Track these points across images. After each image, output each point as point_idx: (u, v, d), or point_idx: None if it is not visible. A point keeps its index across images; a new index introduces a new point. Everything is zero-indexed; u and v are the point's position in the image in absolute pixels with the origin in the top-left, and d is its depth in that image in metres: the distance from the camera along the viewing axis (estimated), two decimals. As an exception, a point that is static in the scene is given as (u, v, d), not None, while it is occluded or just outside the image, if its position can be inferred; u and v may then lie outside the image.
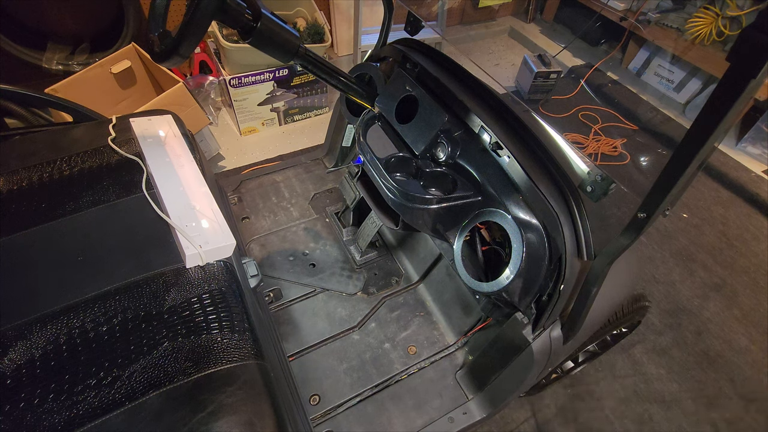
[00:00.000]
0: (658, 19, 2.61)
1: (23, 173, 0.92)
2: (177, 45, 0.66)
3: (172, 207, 0.85)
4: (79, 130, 1.07)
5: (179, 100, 1.73)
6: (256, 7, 0.73)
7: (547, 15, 3.37)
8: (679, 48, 2.57)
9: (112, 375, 0.64)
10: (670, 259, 1.92)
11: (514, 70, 2.82)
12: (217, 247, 0.80)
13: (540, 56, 2.60)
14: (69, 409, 0.60)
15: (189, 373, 0.65)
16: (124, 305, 0.72)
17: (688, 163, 0.55)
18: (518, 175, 0.85)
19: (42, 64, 1.96)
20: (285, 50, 0.80)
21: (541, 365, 0.97)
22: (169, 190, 0.89)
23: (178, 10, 2.08)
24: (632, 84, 2.88)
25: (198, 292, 0.76)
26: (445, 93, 0.98)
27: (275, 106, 2.27)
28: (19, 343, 0.66)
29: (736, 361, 1.60)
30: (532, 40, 3.20)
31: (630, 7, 2.72)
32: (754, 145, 2.45)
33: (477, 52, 3.16)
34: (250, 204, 1.55)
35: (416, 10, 1.18)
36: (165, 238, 0.83)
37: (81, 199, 0.87)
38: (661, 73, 2.80)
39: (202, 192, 0.91)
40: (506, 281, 0.85)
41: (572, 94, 2.71)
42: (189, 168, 0.96)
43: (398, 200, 0.92)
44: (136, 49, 1.87)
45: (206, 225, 0.83)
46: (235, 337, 0.71)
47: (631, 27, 2.72)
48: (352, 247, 1.44)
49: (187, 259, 0.78)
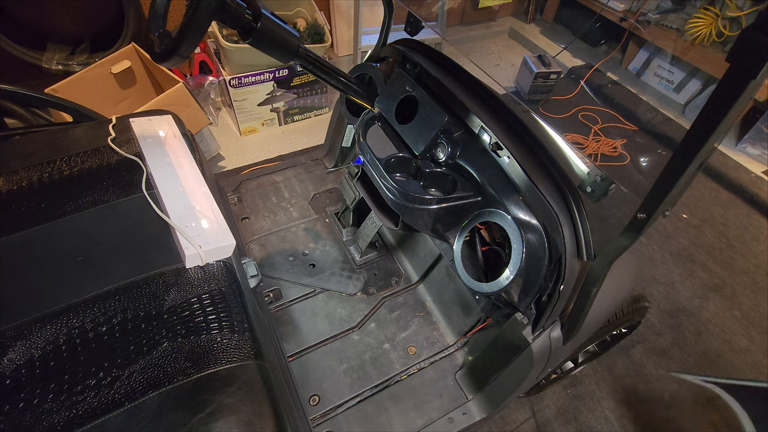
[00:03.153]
0: (657, 20, 2.61)
1: (23, 173, 0.92)
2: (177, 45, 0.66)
3: (171, 207, 0.85)
4: (78, 130, 1.07)
5: (179, 101, 1.73)
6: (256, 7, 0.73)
7: (547, 15, 3.37)
8: (679, 49, 2.57)
9: (112, 375, 0.64)
10: (669, 260, 1.92)
11: (514, 71, 2.82)
12: (216, 247, 0.80)
13: (540, 57, 2.60)
14: (68, 409, 0.60)
15: (189, 373, 0.65)
16: (124, 305, 0.72)
17: (688, 164, 0.55)
18: (518, 175, 0.85)
19: (42, 64, 1.96)
20: (285, 50, 0.80)
21: (541, 366, 0.97)
22: (169, 190, 0.89)
23: (178, 11, 2.08)
24: (632, 84, 2.88)
25: (198, 293, 0.76)
26: (445, 93, 0.98)
27: (275, 107, 2.27)
28: (19, 343, 0.66)
29: (736, 361, 1.60)
30: (532, 40, 3.20)
31: (630, 8, 2.72)
32: (753, 146, 2.45)
33: (477, 53, 3.16)
34: (249, 204, 1.55)
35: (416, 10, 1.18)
36: (165, 238, 0.83)
37: (81, 199, 0.87)
38: (660, 74, 2.80)
39: (202, 192, 0.91)
40: (506, 282, 0.85)
41: (572, 95, 2.72)
42: (189, 168, 0.96)
43: (398, 200, 0.92)
44: (136, 49, 1.87)
45: (206, 225, 0.83)
46: (235, 338, 0.71)
47: (631, 27, 2.73)
48: (351, 247, 1.44)
49: (187, 259, 0.78)
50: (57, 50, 2.01)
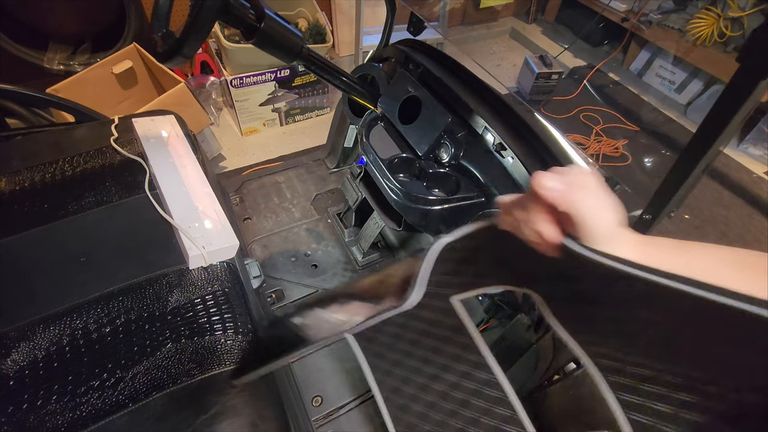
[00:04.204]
0: (659, 20, 2.60)
1: (25, 174, 0.91)
2: (180, 45, 0.66)
3: (175, 208, 0.85)
4: (81, 130, 1.07)
5: (181, 101, 1.73)
6: (260, 7, 0.72)
7: (548, 16, 3.37)
8: (681, 49, 2.57)
9: (116, 376, 0.64)
10: (672, 260, 1.91)
11: (516, 71, 2.82)
12: (220, 248, 0.80)
13: (541, 57, 2.60)
14: (72, 410, 0.60)
15: (192, 374, 0.65)
16: (128, 306, 0.72)
17: (695, 165, 0.54)
18: (522, 176, 0.85)
19: (43, 64, 1.96)
20: (288, 50, 0.80)
21: (544, 366, 0.96)
22: (172, 191, 0.88)
23: (181, 11, 2.08)
24: (634, 85, 2.88)
25: (201, 293, 0.76)
26: (448, 94, 0.98)
27: (277, 107, 2.27)
28: (22, 345, 0.66)
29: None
30: (533, 40, 3.20)
31: (631, 8, 2.72)
32: (755, 147, 2.44)
33: (479, 53, 3.16)
34: (251, 204, 1.55)
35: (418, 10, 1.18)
36: (168, 239, 0.82)
37: (84, 200, 0.87)
38: (662, 74, 2.79)
39: (205, 192, 0.91)
40: (510, 282, 0.85)
41: (574, 95, 2.71)
42: (192, 168, 0.96)
43: (401, 201, 0.92)
44: (137, 49, 1.87)
45: (209, 226, 0.83)
46: (239, 339, 0.71)
47: (633, 28, 2.72)
48: (354, 248, 1.44)
49: (191, 260, 0.77)
50: (58, 50, 2.01)
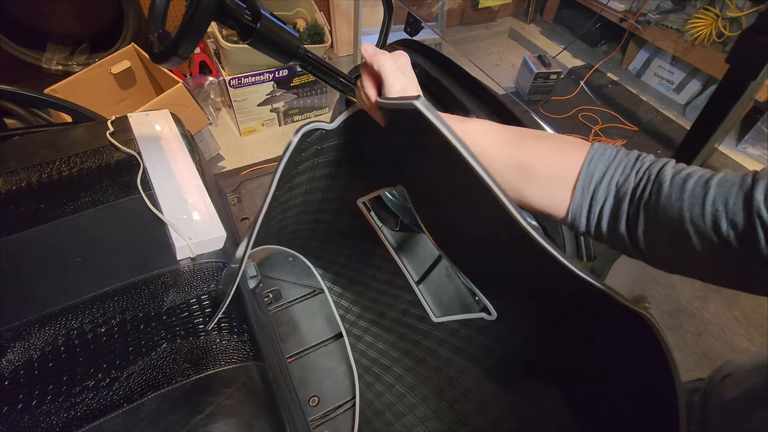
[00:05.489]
0: (658, 20, 2.61)
1: (22, 174, 0.91)
2: (176, 46, 0.66)
3: (166, 202, 0.85)
4: (78, 130, 1.07)
5: (179, 101, 1.73)
6: (256, 7, 0.72)
7: (547, 16, 3.37)
8: (679, 49, 2.57)
9: (111, 377, 0.64)
10: (670, 260, 1.91)
11: (514, 71, 2.82)
12: (207, 238, 0.79)
13: (540, 57, 2.60)
14: (67, 410, 0.60)
15: (188, 374, 0.65)
16: (123, 306, 0.72)
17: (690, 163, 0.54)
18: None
19: (41, 64, 1.96)
20: (284, 51, 0.80)
21: (541, 367, 0.96)
22: (164, 186, 0.89)
23: (177, 11, 2.08)
24: (632, 85, 2.88)
25: (197, 293, 0.76)
26: (445, 94, 0.98)
27: (275, 107, 2.27)
28: (17, 345, 0.66)
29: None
30: (532, 40, 3.20)
31: (630, 8, 2.72)
32: (754, 146, 2.45)
33: (477, 53, 3.16)
34: (249, 204, 1.55)
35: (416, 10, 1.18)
36: (163, 239, 0.82)
37: (80, 200, 0.87)
38: (661, 74, 2.80)
39: (195, 185, 0.90)
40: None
41: (572, 95, 2.71)
42: (183, 162, 0.96)
43: (398, 201, 0.92)
44: (135, 50, 1.87)
45: (197, 217, 0.82)
46: (234, 339, 0.71)
47: (631, 28, 2.72)
48: (351, 247, 1.44)
49: (177, 251, 0.77)
50: (57, 50, 2.01)
